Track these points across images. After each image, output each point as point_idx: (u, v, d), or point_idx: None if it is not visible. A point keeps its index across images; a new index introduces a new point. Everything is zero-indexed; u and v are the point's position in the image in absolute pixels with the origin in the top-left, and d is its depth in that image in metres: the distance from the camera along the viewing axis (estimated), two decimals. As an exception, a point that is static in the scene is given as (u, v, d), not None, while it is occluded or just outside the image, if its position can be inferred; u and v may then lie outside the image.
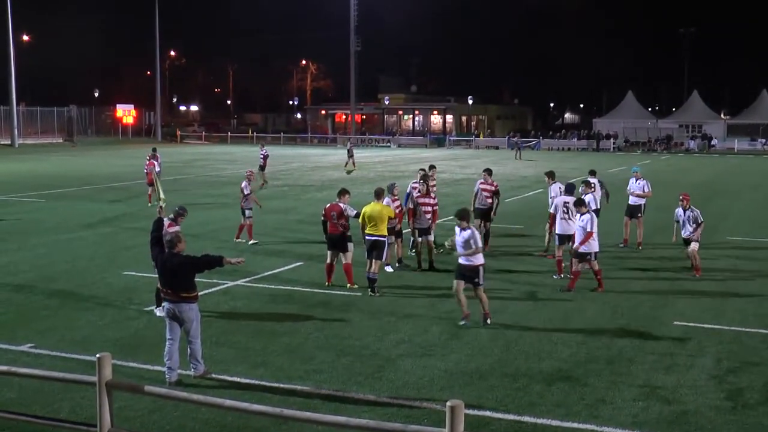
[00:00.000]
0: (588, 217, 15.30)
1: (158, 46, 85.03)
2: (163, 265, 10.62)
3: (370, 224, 15.40)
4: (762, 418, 9.43)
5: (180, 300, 10.40)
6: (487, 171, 20.27)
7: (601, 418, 9.39)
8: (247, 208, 20.64)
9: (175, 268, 10.45)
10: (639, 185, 20.96)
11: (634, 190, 20.91)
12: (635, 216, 20.73)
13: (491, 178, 19.98)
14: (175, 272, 10.42)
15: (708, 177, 44.52)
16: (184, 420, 9.18)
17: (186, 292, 10.42)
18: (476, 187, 20.06)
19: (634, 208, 20.76)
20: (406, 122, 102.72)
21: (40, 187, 35.15)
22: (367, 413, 9.31)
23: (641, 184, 20.97)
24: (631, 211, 20.81)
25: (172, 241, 10.63)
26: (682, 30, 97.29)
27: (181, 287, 10.42)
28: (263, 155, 37.51)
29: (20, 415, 8.61)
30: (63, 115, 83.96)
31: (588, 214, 15.38)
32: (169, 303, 10.53)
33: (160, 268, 10.76)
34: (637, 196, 20.81)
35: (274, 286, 15.87)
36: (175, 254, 10.58)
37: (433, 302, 14.66)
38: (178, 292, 10.41)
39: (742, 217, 27.17)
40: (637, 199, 20.80)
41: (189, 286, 10.46)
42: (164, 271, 10.60)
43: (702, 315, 13.88)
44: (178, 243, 10.61)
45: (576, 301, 14.85)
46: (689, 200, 17.52)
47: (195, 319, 10.47)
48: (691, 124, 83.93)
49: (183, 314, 10.41)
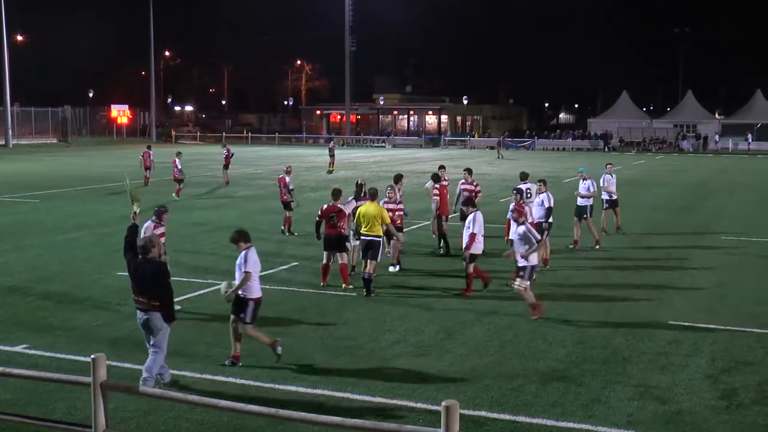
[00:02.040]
0: (471, 216, 15.21)
1: (153, 46, 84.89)
2: (136, 271, 10.07)
3: (365, 225, 15.40)
4: (756, 418, 9.45)
5: (152, 308, 9.93)
6: (467, 170, 20.27)
7: (596, 417, 9.40)
8: (290, 201, 22.64)
9: (148, 274, 9.93)
10: (585, 186, 20.70)
11: (580, 190, 20.70)
12: (581, 217, 20.49)
13: (471, 177, 20.01)
14: (149, 279, 9.91)
15: (702, 177, 44.60)
16: (180, 421, 9.17)
17: (156, 301, 9.92)
18: (458, 188, 20.17)
19: (581, 209, 20.50)
20: (401, 122, 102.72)
21: (35, 187, 35.08)
22: (363, 413, 9.31)
23: (587, 184, 20.73)
24: (578, 212, 20.54)
25: (146, 246, 10.07)
26: (677, 30, 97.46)
27: (154, 295, 9.91)
28: (226, 155, 37.80)
29: (15, 416, 8.60)
30: (57, 116, 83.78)
31: (472, 214, 15.23)
32: (140, 312, 10.05)
33: (132, 274, 10.16)
34: (583, 196, 20.58)
35: (270, 287, 15.82)
36: (149, 260, 10.03)
37: (429, 302, 14.67)
38: (151, 300, 9.92)
39: (737, 216, 27.21)
40: (584, 200, 20.56)
41: (162, 294, 9.96)
42: (137, 277, 10.06)
43: (697, 315, 13.91)
44: (152, 248, 10.08)
45: (571, 301, 14.87)
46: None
47: (164, 328, 10.00)
48: (685, 124, 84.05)
49: (152, 322, 9.94)
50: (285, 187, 23.05)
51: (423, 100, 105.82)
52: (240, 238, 11.14)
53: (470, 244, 14.88)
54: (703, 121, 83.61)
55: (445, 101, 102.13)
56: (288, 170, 23.97)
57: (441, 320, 13.44)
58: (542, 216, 17.62)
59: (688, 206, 30.04)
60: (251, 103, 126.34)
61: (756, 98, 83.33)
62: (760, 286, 16.32)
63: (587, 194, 20.62)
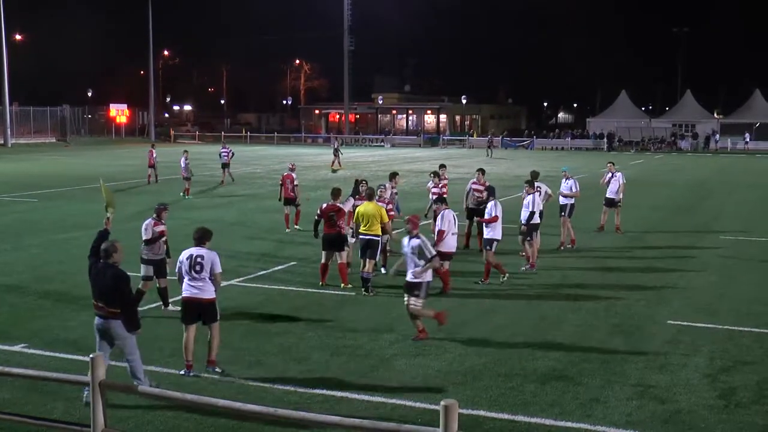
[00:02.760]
0: (440, 215, 15.51)
1: (152, 46, 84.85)
2: (97, 276, 9.68)
3: (364, 224, 15.41)
4: (755, 417, 9.46)
5: (110, 316, 9.53)
6: (480, 171, 20.32)
7: (594, 417, 9.41)
8: (297, 196, 23.30)
9: (108, 279, 9.52)
10: (567, 185, 20.73)
11: (562, 189, 20.74)
12: (560, 216, 20.47)
13: (484, 177, 20.06)
14: (108, 284, 9.49)
15: (701, 176, 44.61)
16: (178, 420, 9.17)
17: (115, 308, 9.51)
18: (468, 186, 20.20)
19: (561, 208, 20.49)
20: (400, 122, 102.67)
21: (34, 187, 35.07)
22: (361, 413, 9.32)
23: (569, 183, 20.77)
24: (560, 210, 20.51)
25: (108, 251, 9.65)
26: (676, 29, 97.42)
27: (113, 301, 9.50)
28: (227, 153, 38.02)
29: (14, 415, 8.60)
30: (56, 115, 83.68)
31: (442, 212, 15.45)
32: (98, 318, 9.67)
33: (93, 279, 9.74)
34: (565, 195, 20.61)
35: (268, 286, 15.86)
36: (110, 265, 9.62)
37: (427, 302, 14.64)
38: (110, 306, 9.52)
39: (736, 216, 27.23)
40: (565, 199, 20.58)
41: (122, 301, 9.54)
42: (96, 281, 9.65)
43: (695, 314, 13.92)
44: (114, 253, 9.64)
45: (569, 300, 14.88)
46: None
47: (127, 336, 9.58)
48: (684, 124, 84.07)
49: (113, 330, 9.55)
50: (291, 183, 23.33)
51: (422, 99, 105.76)
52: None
53: (437, 241, 14.98)
54: (702, 121, 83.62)
55: (444, 101, 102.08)
56: (292, 167, 24.35)
57: (440, 320, 13.43)
58: (527, 217, 17.60)
59: (687, 206, 30.06)
60: (250, 103, 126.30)
61: (755, 98, 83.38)
62: (758, 285, 16.33)
63: (569, 194, 20.61)
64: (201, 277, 10.59)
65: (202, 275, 10.59)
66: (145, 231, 13.58)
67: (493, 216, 16.17)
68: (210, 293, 10.65)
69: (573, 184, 20.78)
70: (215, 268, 10.61)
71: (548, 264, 18.18)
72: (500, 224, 16.26)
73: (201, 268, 10.58)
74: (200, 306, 10.62)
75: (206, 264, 10.59)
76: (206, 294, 10.62)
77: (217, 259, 10.71)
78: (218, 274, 10.68)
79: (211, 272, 10.60)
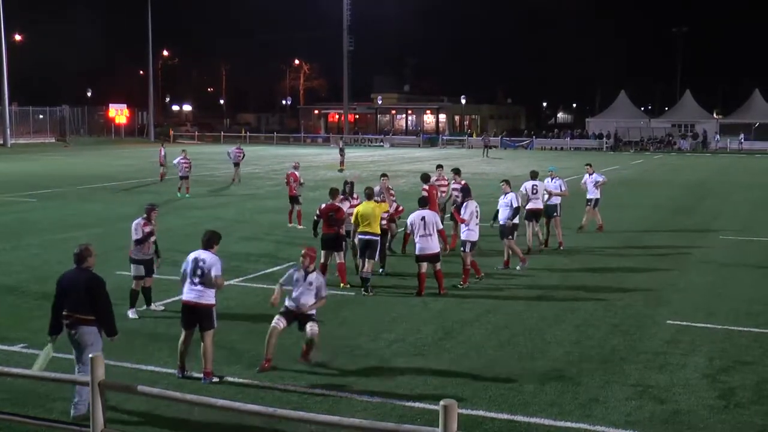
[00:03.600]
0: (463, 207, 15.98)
1: (151, 46, 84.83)
2: (68, 284, 9.28)
3: (364, 223, 15.41)
4: (754, 417, 9.46)
5: (79, 322, 9.17)
6: (456, 171, 20.21)
7: (594, 417, 9.41)
8: (299, 195, 23.67)
9: (82, 285, 9.18)
10: (555, 184, 20.57)
11: (550, 189, 20.52)
12: (551, 216, 20.33)
13: (459, 177, 20.00)
14: (84, 290, 9.16)
15: (701, 176, 44.62)
16: (177, 420, 9.17)
17: (86, 315, 9.17)
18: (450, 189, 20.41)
19: (550, 208, 20.28)
20: (399, 122, 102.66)
21: (33, 187, 35.04)
22: (361, 413, 9.32)
23: (557, 183, 20.64)
24: (547, 211, 20.24)
25: (82, 255, 9.31)
26: (675, 29, 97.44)
27: (86, 307, 9.15)
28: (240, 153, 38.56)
29: (13, 415, 8.60)
30: (55, 115, 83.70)
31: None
32: (68, 328, 9.25)
33: (65, 285, 9.34)
34: (555, 195, 20.40)
35: (267, 286, 15.83)
36: (84, 269, 9.31)
37: (427, 302, 14.67)
38: (81, 313, 9.16)
39: (735, 216, 27.23)
40: (555, 198, 20.43)
41: (98, 307, 9.20)
42: (70, 288, 9.25)
43: (694, 314, 13.92)
44: (89, 257, 9.34)
45: (569, 300, 14.88)
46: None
47: (94, 344, 9.16)
48: (683, 124, 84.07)
49: (82, 337, 9.16)
50: (296, 181, 23.65)
51: (421, 99, 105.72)
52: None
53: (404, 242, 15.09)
54: (701, 121, 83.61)
55: (443, 101, 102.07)
56: (296, 165, 24.86)
57: (439, 320, 13.45)
58: (509, 216, 17.59)
59: (686, 205, 30.06)
60: (249, 103, 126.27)
61: (754, 98, 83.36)
62: (757, 285, 16.33)
63: (559, 193, 20.51)
64: (201, 281, 10.48)
65: (202, 280, 10.48)
66: (135, 231, 13.63)
67: (461, 217, 16.15)
68: (209, 299, 10.53)
69: (561, 184, 20.75)
70: (213, 271, 10.45)
71: (547, 264, 18.19)
72: (475, 225, 16.07)
73: (202, 272, 10.46)
74: (198, 311, 10.50)
75: (206, 269, 10.45)
76: (204, 299, 10.51)
77: (219, 264, 10.57)
78: (217, 277, 10.49)
79: (208, 276, 10.43)
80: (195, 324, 10.58)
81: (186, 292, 10.62)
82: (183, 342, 10.62)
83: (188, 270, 10.57)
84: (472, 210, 16.11)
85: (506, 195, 17.68)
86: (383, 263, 17.03)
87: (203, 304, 10.50)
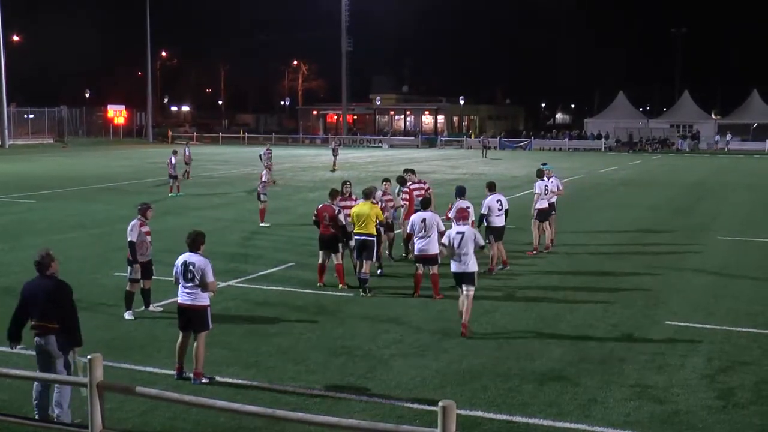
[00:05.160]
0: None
1: (149, 47, 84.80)
2: (33, 291, 8.96)
3: (359, 224, 15.38)
4: (753, 417, 9.46)
5: (49, 331, 8.83)
6: (411, 171, 19.62)
7: (593, 417, 9.41)
8: (262, 193, 23.74)
9: (46, 293, 8.85)
10: (553, 183, 20.20)
11: (550, 188, 20.06)
12: (548, 216, 19.95)
13: (416, 176, 19.53)
14: (47, 298, 8.82)
15: (699, 177, 44.63)
16: (176, 421, 9.17)
17: (54, 324, 8.83)
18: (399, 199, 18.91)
19: (551, 206, 19.92)
20: (398, 122, 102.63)
21: (31, 187, 35.03)
22: (360, 413, 9.32)
23: (554, 182, 20.33)
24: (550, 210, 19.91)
25: (44, 263, 8.94)
26: (674, 30, 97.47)
27: (54, 316, 8.81)
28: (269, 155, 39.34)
29: (12, 417, 8.59)
30: (54, 116, 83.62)
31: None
32: (38, 337, 8.91)
33: (27, 294, 9.02)
34: (553, 193, 20.08)
35: (266, 287, 15.85)
36: (48, 277, 8.95)
37: (426, 302, 14.67)
38: (50, 321, 8.82)
39: (733, 216, 27.24)
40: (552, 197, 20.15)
41: (62, 315, 8.86)
42: (35, 297, 8.91)
43: (693, 314, 13.92)
44: (51, 262, 8.99)
45: (567, 300, 14.88)
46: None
47: (61, 355, 8.90)
48: (682, 124, 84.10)
49: (52, 347, 8.84)
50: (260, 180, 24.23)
51: (420, 100, 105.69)
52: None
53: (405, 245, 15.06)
54: (699, 121, 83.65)
55: (441, 101, 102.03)
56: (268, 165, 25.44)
57: (437, 320, 13.45)
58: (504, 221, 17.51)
59: (684, 206, 30.06)
60: (248, 103, 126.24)
61: (752, 98, 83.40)
62: (756, 286, 16.34)
63: (555, 192, 20.27)
64: (194, 284, 10.47)
65: (194, 282, 10.45)
66: (131, 232, 13.51)
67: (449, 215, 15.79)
68: (202, 300, 10.52)
69: (558, 183, 20.59)
70: (206, 277, 10.41)
71: (546, 265, 18.19)
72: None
73: (193, 276, 10.43)
74: (192, 313, 10.50)
75: (197, 272, 10.41)
76: (198, 301, 10.50)
77: (209, 268, 10.50)
78: (210, 282, 10.46)
79: (202, 280, 10.40)
80: (191, 325, 10.58)
81: (180, 294, 10.64)
82: (180, 343, 10.63)
83: (179, 274, 10.56)
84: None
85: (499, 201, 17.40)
86: (380, 264, 17.04)
87: (197, 305, 10.51)
